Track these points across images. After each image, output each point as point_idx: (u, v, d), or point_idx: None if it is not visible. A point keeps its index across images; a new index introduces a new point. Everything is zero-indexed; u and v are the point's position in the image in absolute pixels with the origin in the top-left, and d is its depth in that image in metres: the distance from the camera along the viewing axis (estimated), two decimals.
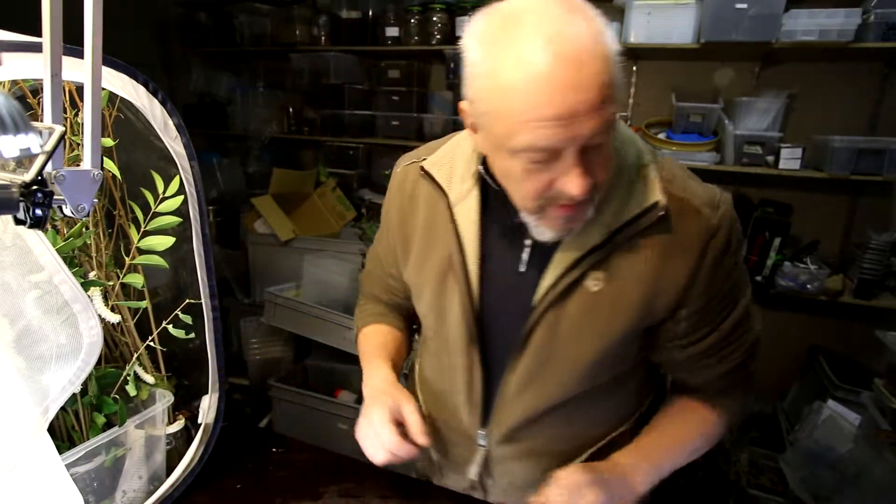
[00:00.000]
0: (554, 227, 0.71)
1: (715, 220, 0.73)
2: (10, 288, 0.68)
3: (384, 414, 0.84)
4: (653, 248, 0.73)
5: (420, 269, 0.88)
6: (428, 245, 0.86)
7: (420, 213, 0.88)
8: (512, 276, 0.81)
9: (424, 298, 0.89)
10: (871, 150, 2.05)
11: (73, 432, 0.85)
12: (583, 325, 0.77)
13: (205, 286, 0.91)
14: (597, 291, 0.75)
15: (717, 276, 0.75)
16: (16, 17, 0.86)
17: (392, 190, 0.94)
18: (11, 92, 0.77)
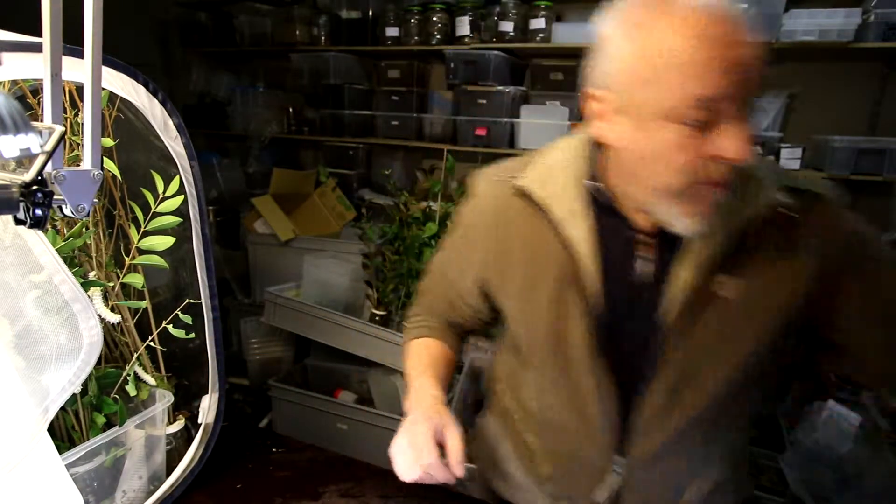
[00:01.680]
0: (697, 211, 0.67)
1: (836, 201, 0.73)
2: (10, 288, 0.68)
3: (429, 432, 0.79)
4: (784, 241, 0.71)
5: (528, 294, 0.83)
6: (535, 270, 0.81)
7: (517, 234, 0.83)
8: (633, 292, 0.77)
9: (535, 325, 0.83)
10: (871, 150, 2.05)
11: (73, 432, 0.85)
12: (720, 332, 0.74)
13: (205, 286, 0.91)
14: (729, 295, 0.72)
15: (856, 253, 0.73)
16: (16, 17, 0.86)
17: (477, 210, 0.89)
18: (11, 92, 0.77)
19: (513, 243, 0.84)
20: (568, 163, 0.80)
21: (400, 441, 0.81)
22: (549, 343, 0.82)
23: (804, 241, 0.71)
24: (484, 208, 0.88)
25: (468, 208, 0.91)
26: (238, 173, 3.16)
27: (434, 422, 0.81)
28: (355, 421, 2.05)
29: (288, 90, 3.18)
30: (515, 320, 0.88)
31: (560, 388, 0.85)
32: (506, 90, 2.54)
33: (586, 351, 0.79)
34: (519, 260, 0.83)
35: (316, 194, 2.83)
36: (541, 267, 0.81)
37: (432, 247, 1.96)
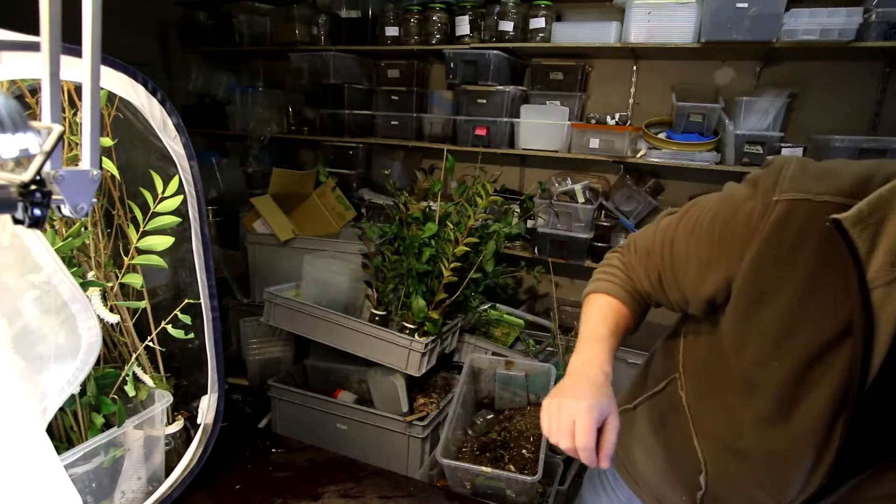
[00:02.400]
0: None
1: None
2: (9, 288, 0.68)
3: (596, 410, 0.73)
4: None
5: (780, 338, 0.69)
6: (802, 315, 0.67)
7: (800, 269, 0.66)
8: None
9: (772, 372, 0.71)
10: (872, 149, 2.05)
11: (72, 433, 0.85)
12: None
13: (204, 286, 0.91)
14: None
15: None
16: (14, 16, 0.86)
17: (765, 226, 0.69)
18: (10, 91, 0.76)
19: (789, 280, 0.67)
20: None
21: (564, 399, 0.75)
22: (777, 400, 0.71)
23: None
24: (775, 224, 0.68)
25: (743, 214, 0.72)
26: (237, 173, 3.16)
27: (602, 406, 0.74)
28: (355, 421, 2.05)
29: (287, 90, 3.18)
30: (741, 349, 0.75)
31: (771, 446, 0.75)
32: (506, 90, 2.54)
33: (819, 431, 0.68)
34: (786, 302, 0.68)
35: (316, 194, 2.83)
36: (811, 320, 0.66)
37: (432, 247, 1.96)
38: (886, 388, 0.63)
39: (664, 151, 2.38)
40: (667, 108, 2.45)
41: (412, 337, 1.92)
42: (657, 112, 2.52)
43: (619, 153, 2.44)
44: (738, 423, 0.79)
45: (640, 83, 2.60)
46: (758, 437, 0.76)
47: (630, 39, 2.26)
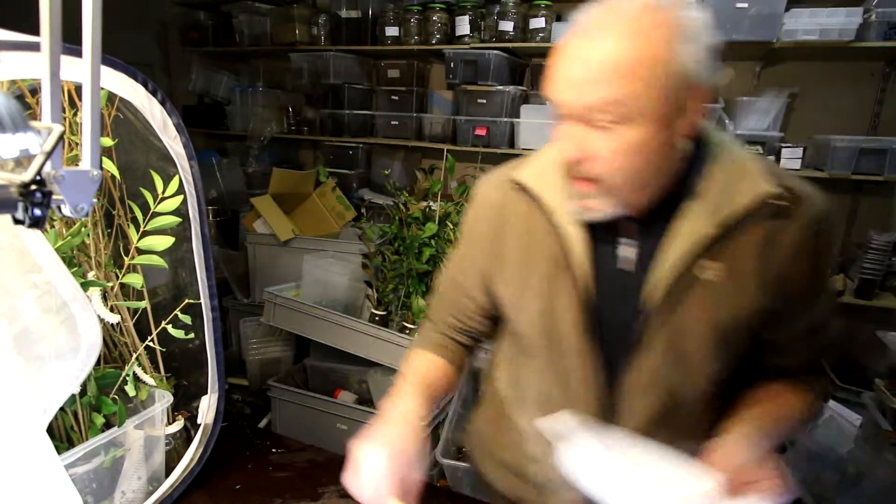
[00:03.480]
0: (578, 203, 0.77)
1: (824, 205, 0.77)
2: (9, 288, 0.68)
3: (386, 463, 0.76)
4: (764, 234, 0.75)
5: (523, 280, 0.87)
6: (529, 256, 0.86)
7: (514, 226, 0.88)
8: (618, 275, 0.81)
9: (529, 309, 0.88)
10: (871, 149, 2.05)
11: (72, 433, 0.85)
12: (702, 316, 0.77)
13: (204, 286, 0.91)
14: (711, 280, 0.76)
15: (825, 257, 0.79)
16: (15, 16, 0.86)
17: (477, 209, 0.94)
18: (10, 91, 0.76)
19: (510, 233, 0.89)
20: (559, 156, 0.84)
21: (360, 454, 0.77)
22: (543, 326, 0.87)
23: (784, 233, 0.76)
24: (484, 204, 0.93)
25: (471, 209, 0.96)
26: (238, 173, 3.16)
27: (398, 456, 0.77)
28: (355, 421, 2.05)
29: (287, 90, 3.18)
30: (512, 307, 0.91)
31: (553, 371, 0.89)
32: (506, 90, 2.53)
33: (576, 334, 0.83)
34: (515, 248, 0.88)
35: (316, 194, 2.83)
36: (535, 254, 0.86)
37: (432, 247, 1.96)
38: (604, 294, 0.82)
39: None
40: None
41: (412, 337, 1.92)
42: None
43: None
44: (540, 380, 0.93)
45: None
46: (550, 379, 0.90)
47: None
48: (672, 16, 0.67)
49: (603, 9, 0.69)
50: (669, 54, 0.66)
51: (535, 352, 0.92)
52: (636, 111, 0.68)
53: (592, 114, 0.69)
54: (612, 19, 0.67)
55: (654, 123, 0.69)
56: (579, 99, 0.69)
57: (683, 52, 0.66)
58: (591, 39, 0.68)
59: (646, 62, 0.66)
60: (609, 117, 0.69)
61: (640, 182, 0.73)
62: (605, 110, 0.68)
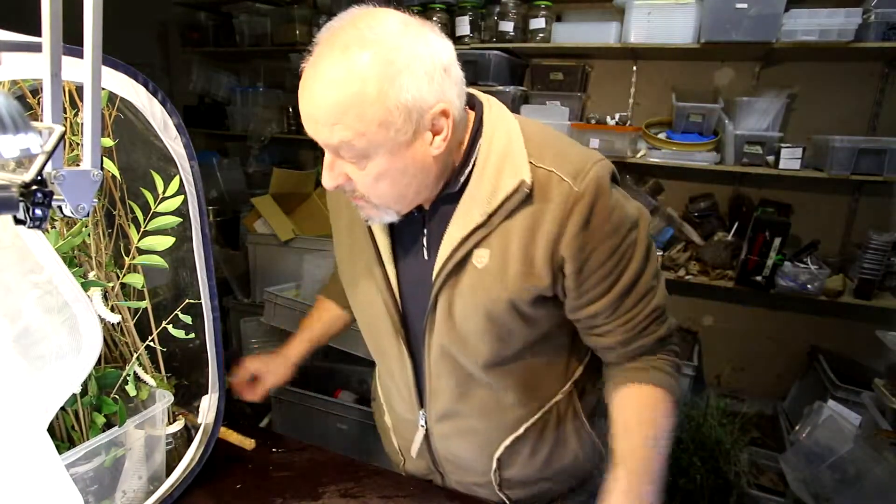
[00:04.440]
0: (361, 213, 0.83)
1: (578, 188, 0.77)
2: (10, 288, 0.68)
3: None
4: (525, 219, 0.79)
5: (349, 266, 0.97)
6: (352, 243, 0.95)
7: (344, 214, 0.96)
8: (418, 265, 0.88)
9: (357, 298, 0.98)
10: (871, 150, 2.05)
11: (73, 432, 0.85)
12: (473, 299, 0.83)
13: (205, 286, 0.91)
14: (482, 267, 0.81)
15: (587, 242, 0.79)
16: (16, 16, 0.86)
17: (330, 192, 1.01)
18: (11, 92, 0.77)
19: (343, 220, 0.97)
20: None
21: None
22: (367, 316, 0.97)
23: (538, 219, 0.79)
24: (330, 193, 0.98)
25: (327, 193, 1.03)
26: (238, 173, 3.16)
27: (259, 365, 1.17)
28: (355, 421, 2.05)
29: (288, 90, 3.18)
30: (349, 289, 1.01)
31: (382, 356, 1.00)
32: (506, 90, 2.53)
33: (389, 321, 0.92)
34: (345, 238, 0.97)
35: (316, 194, 2.83)
36: (355, 244, 0.93)
37: None
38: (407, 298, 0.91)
39: (664, 151, 2.38)
40: (667, 109, 2.45)
41: None
42: (657, 112, 2.52)
43: (619, 153, 2.45)
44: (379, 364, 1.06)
45: (640, 83, 2.60)
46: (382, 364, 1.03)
47: (630, 40, 2.26)
48: (383, 53, 0.68)
49: (324, 43, 0.70)
50: (383, 92, 0.68)
51: (370, 339, 1.02)
52: (369, 148, 0.72)
53: (336, 149, 0.75)
54: (328, 60, 0.69)
55: (393, 154, 0.73)
56: (317, 137, 0.75)
57: (399, 85, 0.68)
58: (314, 81, 0.70)
59: (363, 105, 0.69)
60: (348, 154, 0.74)
61: (404, 196, 0.79)
62: (342, 148, 0.74)
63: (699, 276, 2.40)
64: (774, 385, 2.52)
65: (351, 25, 0.69)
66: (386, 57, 0.68)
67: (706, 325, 2.65)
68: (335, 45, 0.69)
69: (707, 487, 1.99)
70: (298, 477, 1.01)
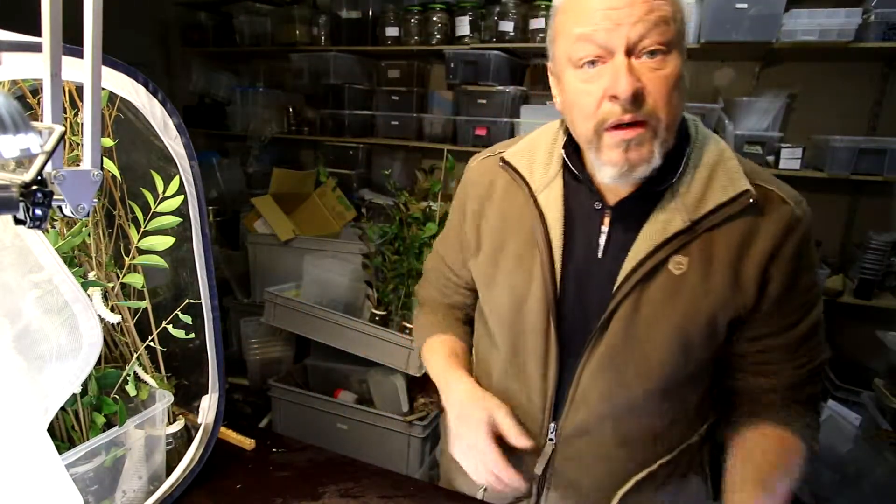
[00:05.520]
0: (613, 159, 0.71)
1: (799, 211, 0.75)
2: (10, 288, 0.68)
3: (482, 429, 0.81)
4: (738, 234, 0.75)
5: (495, 257, 0.88)
6: (505, 233, 0.87)
7: (496, 203, 0.89)
8: (591, 262, 0.81)
9: (499, 286, 0.87)
10: (871, 150, 2.05)
11: (73, 432, 0.85)
12: (666, 308, 0.76)
13: (205, 286, 0.91)
14: (680, 275, 0.75)
15: (797, 267, 0.76)
16: (16, 16, 0.86)
17: (466, 185, 0.97)
18: (11, 92, 0.77)
19: (491, 212, 0.90)
20: (549, 137, 0.87)
21: (460, 448, 0.83)
22: (511, 307, 0.86)
23: (752, 235, 0.74)
24: (473, 180, 0.95)
25: (460, 187, 0.99)
26: (238, 173, 3.16)
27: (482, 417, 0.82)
28: (355, 421, 2.05)
29: (288, 90, 3.18)
30: (483, 285, 0.92)
31: (513, 349, 0.88)
32: (506, 90, 2.54)
33: (542, 315, 0.82)
34: (492, 227, 0.89)
35: (316, 194, 2.83)
36: (512, 231, 0.86)
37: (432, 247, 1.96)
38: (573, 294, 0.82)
39: None
40: None
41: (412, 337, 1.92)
42: None
43: None
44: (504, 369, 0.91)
45: None
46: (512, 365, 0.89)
47: None
48: None
49: None
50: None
51: (499, 337, 0.91)
52: (676, 36, 0.67)
53: (641, 40, 0.65)
54: None
55: (681, 56, 0.69)
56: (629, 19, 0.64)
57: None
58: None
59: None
60: (660, 39, 0.66)
61: (676, 121, 0.72)
62: (656, 32, 0.65)
63: None
64: None
65: None
66: None
67: None
68: None
69: None
70: (298, 477, 1.01)
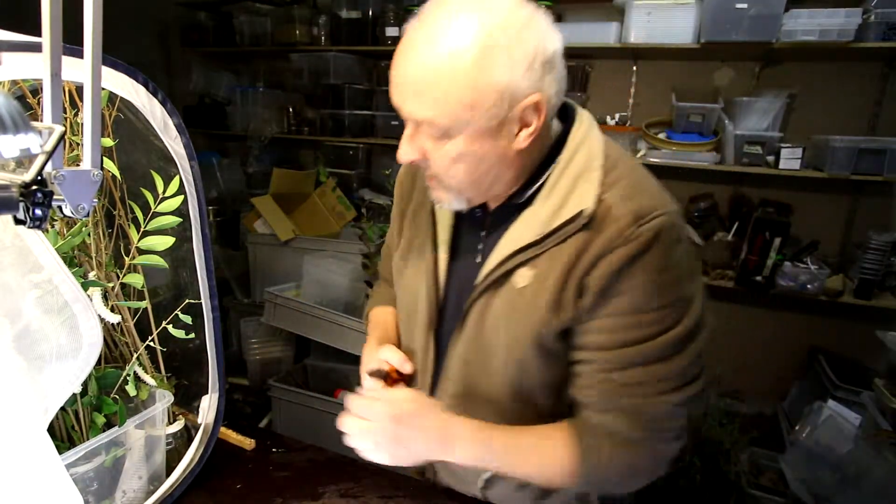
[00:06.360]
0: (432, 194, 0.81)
1: (633, 232, 0.70)
2: (10, 288, 0.68)
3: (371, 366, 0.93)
4: (573, 250, 0.73)
5: (404, 252, 0.95)
6: (412, 232, 0.93)
7: (415, 199, 0.94)
8: (469, 265, 0.85)
9: (402, 280, 0.95)
10: (871, 149, 2.05)
11: (73, 432, 0.85)
12: (505, 321, 0.79)
13: (205, 286, 0.91)
14: (521, 288, 0.77)
15: (618, 285, 0.72)
16: (16, 16, 0.86)
17: (401, 173, 1.00)
18: (11, 92, 0.77)
19: (410, 206, 0.95)
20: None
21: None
22: (406, 303, 0.94)
23: (584, 253, 0.73)
24: (406, 172, 0.99)
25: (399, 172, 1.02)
26: (238, 173, 3.16)
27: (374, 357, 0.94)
28: None
29: (288, 90, 3.18)
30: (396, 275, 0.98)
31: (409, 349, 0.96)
32: None
33: (426, 313, 0.88)
34: (408, 222, 0.95)
35: (316, 194, 2.84)
36: (415, 233, 0.92)
37: None
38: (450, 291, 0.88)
39: (664, 151, 2.38)
40: (667, 109, 2.45)
41: None
42: (657, 112, 2.52)
43: None
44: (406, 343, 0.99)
45: (640, 83, 2.60)
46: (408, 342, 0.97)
47: (630, 40, 2.26)
48: (488, 25, 0.64)
49: (422, 17, 0.69)
50: (477, 69, 0.64)
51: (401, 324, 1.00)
52: (452, 127, 0.69)
53: (418, 122, 0.71)
54: (428, 26, 0.67)
55: (474, 139, 0.69)
56: (402, 109, 0.71)
57: (496, 65, 0.64)
58: (408, 46, 0.69)
59: (454, 80, 0.65)
60: (430, 129, 0.71)
61: (478, 185, 0.76)
62: (424, 124, 0.70)
63: None
64: (774, 385, 2.52)
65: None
66: (489, 32, 0.64)
67: None
68: (441, 10, 0.67)
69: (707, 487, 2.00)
70: (298, 477, 1.01)
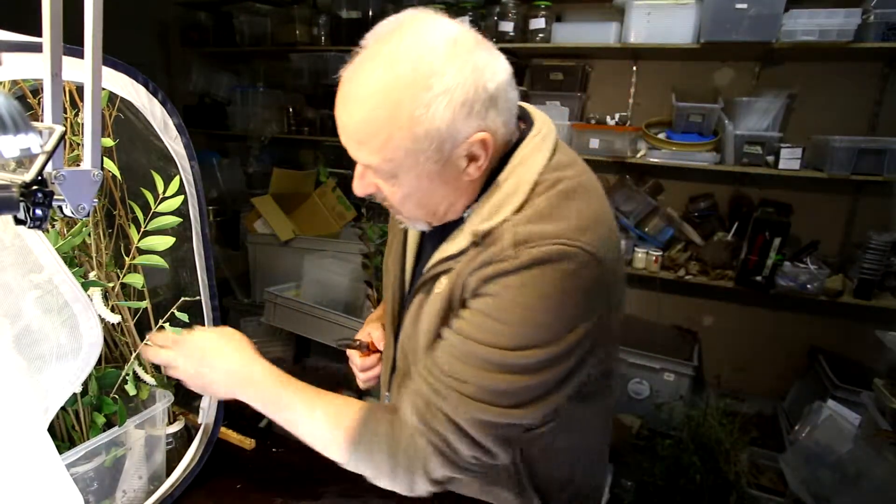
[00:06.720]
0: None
1: (510, 253, 0.70)
2: (10, 288, 0.69)
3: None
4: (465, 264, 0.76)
5: (387, 254, 1.00)
6: (392, 235, 0.99)
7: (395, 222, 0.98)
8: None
9: (386, 278, 1.00)
10: (871, 150, 2.05)
11: (73, 432, 0.85)
12: (421, 324, 0.83)
13: (205, 286, 0.91)
14: (436, 294, 0.80)
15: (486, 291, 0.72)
16: (16, 16, 0.86)
17: None
18: (11, 92, 0.77)
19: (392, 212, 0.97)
20: None
21: None
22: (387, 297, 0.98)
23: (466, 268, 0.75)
24: None
25: None
26: (238, 173, 3.16)
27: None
28: None
29: (288, 90, 3.18)
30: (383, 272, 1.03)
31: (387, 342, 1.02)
32: None
33: (391, 311, 0.95)
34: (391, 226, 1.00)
35: (316, 194, 2.84)
36: (395, 236, 0.97)
37: None
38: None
39: (664, 151, 2.38)
40: (667, 109, 2.45)
41: None
42: (657, 112, 2.53)
43: (618, 153, 2.45)
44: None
45: (640, 83, 2.60)
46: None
47: (630, 40, 2.26)
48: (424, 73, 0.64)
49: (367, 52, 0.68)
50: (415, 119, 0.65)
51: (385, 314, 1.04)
52: (397, 171, 0.71)
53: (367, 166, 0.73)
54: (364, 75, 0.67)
55: (420, 178, 0.72)
56: (349, 152, 0.73)
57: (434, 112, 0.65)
58: (347, 95, 0.69)
59: (392, 129, 0.66)
60: (378, 173, 0.73)
61: (434, 213, 0.79)
62: (371, 168, 0.73)
63: (699, 276, 2.40)
64: (774, 385, 2.52)
65: (397, 35, 0.66)
66: (424, 81, 0.64)
67: (706, 325, 2.65)
68: (376, 57, 0.66)
69: (707, 487, 1.99)
70: (298, 477, 1.01)
